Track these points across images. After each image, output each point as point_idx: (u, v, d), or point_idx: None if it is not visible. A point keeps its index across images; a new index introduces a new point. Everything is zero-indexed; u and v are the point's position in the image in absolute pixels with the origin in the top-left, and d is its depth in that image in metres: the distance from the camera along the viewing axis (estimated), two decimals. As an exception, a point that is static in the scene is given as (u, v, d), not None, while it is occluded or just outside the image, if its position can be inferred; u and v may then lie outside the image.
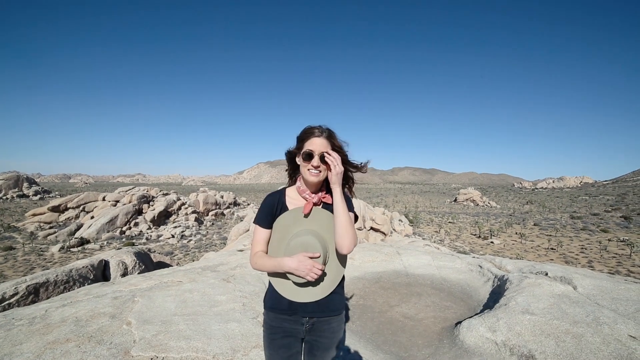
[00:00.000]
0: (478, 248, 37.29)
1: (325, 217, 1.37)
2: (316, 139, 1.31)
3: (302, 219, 1.36)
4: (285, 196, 1.42)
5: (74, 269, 6.10)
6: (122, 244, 36.29)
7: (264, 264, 1.32)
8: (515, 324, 2.82)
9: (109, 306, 3.01)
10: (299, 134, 1.38)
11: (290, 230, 1.36)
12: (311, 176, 1.32)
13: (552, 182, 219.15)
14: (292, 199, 1.41)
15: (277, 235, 1.38)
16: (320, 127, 1.36)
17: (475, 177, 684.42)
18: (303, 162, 1.33)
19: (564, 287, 3.58)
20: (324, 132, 1.33)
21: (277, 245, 1.37)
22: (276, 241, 1.38)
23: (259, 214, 1.39)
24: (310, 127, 1.35)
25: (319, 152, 1.30)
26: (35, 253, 32.73)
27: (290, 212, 1.37)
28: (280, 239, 1.37)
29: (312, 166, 1.31)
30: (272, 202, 1.40)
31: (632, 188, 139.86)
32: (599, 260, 30.26)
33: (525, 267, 4.71)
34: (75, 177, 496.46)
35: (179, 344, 2.30)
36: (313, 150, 1.30)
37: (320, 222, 1.37)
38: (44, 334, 2.39)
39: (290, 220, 1.37)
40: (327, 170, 1.34)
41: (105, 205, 48.27)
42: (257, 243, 1.38)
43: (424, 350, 2.83)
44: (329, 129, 1.37)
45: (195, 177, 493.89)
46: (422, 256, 5.56)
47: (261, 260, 1.33)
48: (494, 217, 69.52)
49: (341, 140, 1.39)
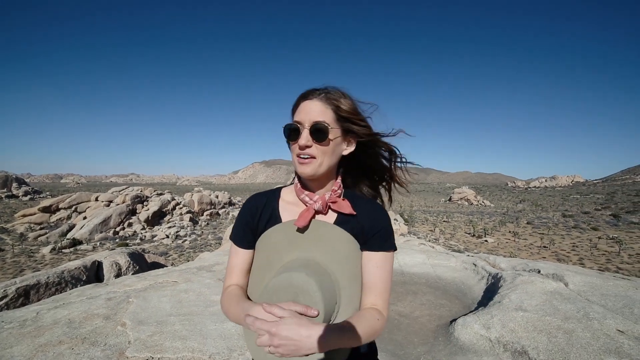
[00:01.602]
0: (472, 247, 37.72)
1: (336, 238, 0.80)
2: (307, 103, 0.79)
3: (298, 238, 0.82)
4: (278, 199, 0.90)
5: (66, 270, 6.00)
6: (115, 244, 35.82)
7: (228, 310, 0.80)
8: (508, 321, 2.87)
9: (102, 307, 2.97)
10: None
11: (280, 258, 0.81)
12: (300, 165, 0.79)
13: (545, 181, 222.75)
14: (289, 205, 0.88)
15: (261, 262, 0.85)
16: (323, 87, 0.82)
17: (470, 176, 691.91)
18: (290, 143, 0.81)
19: (555, 284, 3.64)
20: (319, 92, 0.80)
21: (259, 278, 0.84)
22: (258, 272, 0.85)
23: (235, 227, 0.89)
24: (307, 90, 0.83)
25: (310, 122, 0.77)
26: (25, 255, 32.12)
27: (281, 227, 0.84)
28: (265, 270, 0.83)
29: (299, 148, 0.78)
30: (256, 208, 0.87)
31: (620, 187, 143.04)
32: (590, 258, 30.86)
33: (519, 265, 4.78)
34: (67, 177, 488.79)
35: (175, 344, 2.29)
36: (300, 121, 0.78)
37: (329, 247, 0.80)
38: (36, 336, 2.35)
39: (280, 239, 0.82)
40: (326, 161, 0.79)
41: (98, 205, 47.60)
42: (231, 272, 0.87)
43: (419, 348, 2.86)
44: (335, 87, 0.82)
45: (189, 177, 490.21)
46: (417, 255, 5.60)
47: (227, 302, 0.81)
48: (488, 216, 70.36)
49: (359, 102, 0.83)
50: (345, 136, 0.83)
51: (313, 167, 0.78)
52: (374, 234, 0.82)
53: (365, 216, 0.84)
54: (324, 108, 0.78)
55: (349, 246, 0.81)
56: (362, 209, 0.85)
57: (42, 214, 46.34)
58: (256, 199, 0.90)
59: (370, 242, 0.82)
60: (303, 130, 0.78)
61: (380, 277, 0.80)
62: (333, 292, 0.75)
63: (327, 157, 0.80)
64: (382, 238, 0.82)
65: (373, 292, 0.80)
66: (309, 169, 0.78)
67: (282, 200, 0.89)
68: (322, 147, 0.78)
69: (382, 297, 0.80)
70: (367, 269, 0.82)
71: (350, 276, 0.80)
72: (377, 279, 0.80)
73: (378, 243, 0.82)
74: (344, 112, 0.80)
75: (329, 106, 0.79)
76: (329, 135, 0.77)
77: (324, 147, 0.78)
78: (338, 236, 0.81)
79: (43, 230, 42.66)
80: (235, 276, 0.87)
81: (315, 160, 0.78)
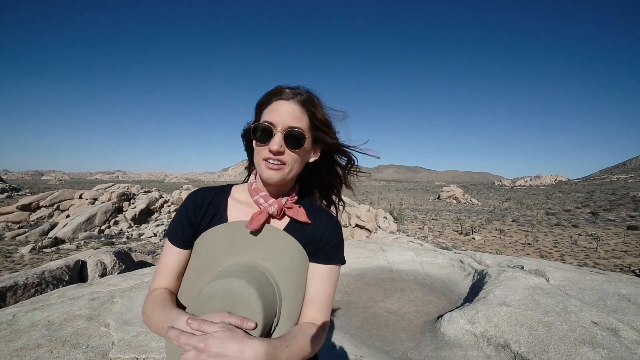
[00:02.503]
0: (460, 244, 38.55)
1: (284, 246, 0.75)
2: (282, 104, 0.73)
3: (244, 241, 0.74)
4: (227, 197, 0.82)
5: (47, 270, 5.80)
6: (100, 243, 34.86)
7: (150, 318, 0.69)
8: (493, 316, 2.95)
9: (85, 308, 2.89)
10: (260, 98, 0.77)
11: (219, 261, 0.73)
12: (268, 170, 0.72)
13: (530, 180, 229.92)
14: (239, 204, 0.81)
15: (197, 264, 0.76)
16: (297, 87, 0.76)
17: (458, 174, 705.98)
18: (256, 144, 0.74)
19: (537, 279, 3.77)
20: (297, 94, 0.74)
21: (193, 283, 0.75)
22: (193, 275, 0.76)
23: (174, 222, 0.79)
24: (280, 85, 0.76)
25: (285, 126, 0.71)
26: (1, 255, 30.84)
27: (226, 227, 0.76)
28: (200, 273, 0.74)
29: (270, 152, 0.71)
30: (201, 202, 0.79)
31: (599, 186, 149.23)
32: (570, 254, 32.08)
33: (504, 261, 4.92)
34: (49, 174, 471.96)
35: (161, 344, 2.25)
36: (273, 122, 0.71)
37: (276, 254, 0.74)
38: (11, 340, 2.26)
39: (222, 241, 0.74)
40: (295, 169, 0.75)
41: (83, 203, 46.15)
42: (161, 272, 0.77)
43: (406, 344, 2.90)
44: (311, 91, 0.77)
45: (178, 174, 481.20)
46: (405, 252, 5.68)
47: (150, 308, 0.70)
48: (475, 214, 72.04)
49: (331, 109, 0.80)
50: (313, 144, 0.80)
51: (282, 175, 0.73)
52: (325, 246, 0.78)
53: (319, 226, 0.80)
54: (300, 113, 0.73)
55: (297, 256, 0.75)
56: (317, 219, 0.81)
57: (20, 212, 44.53)
58: (202, 193, 0.81)
59: (320, 254, 0.78)
60: (276, 134, 0.71)
61: (324, 290, 0.77)
62: (274, 304, 0.68)
63: (297, 165, 0.75)
64: (332, 251, 0.79)
65: (315, 306, 0.75)
66: (278, 176, 0.72)
67: (232, 198, 0.82)
68: (294, 154, 0.73)
69: (323, 311, 0.76)
70: (312, 281, 0.77)
71: (294, 287, 0.74)
72: (321, 293, 0.76)
73: (327, 256, 0.78)
74: (318, 121, 0.76)
75: (305, 112, 0.74)
76: (304, 144, 0.74)
77: (295, 154, 0.73)
78: (287, 244, 0.75)
79: (22, 229, 40.98)
80: (165, 278, 0.76)
81: (285, 167, 0.73)
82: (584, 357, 2.22)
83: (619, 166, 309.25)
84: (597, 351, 2.27)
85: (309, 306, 0.76)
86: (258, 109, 0.77)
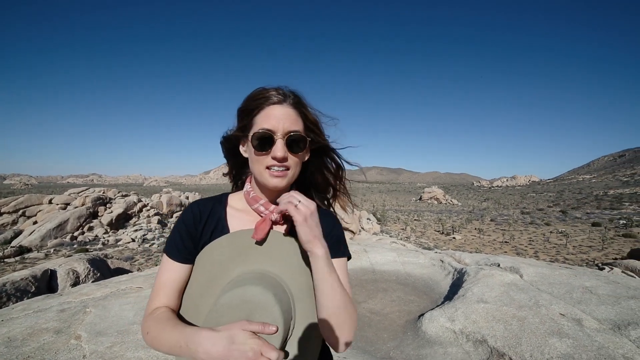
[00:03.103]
0: (441, 244, 39.64)
1: (289, 249, 0.75)
2: (277, 109, 0.71)
3: (250, 250, 0.74)
4: (226, 207, 0.81)
5: (9, 282, 5.40)
6: (73, 250, 32.90)
7: (159, 337, 0.65)
8: (471, 313, 3.06)
9: (53, 320, 2.72)
10: (243, 103, 0.75)
11: (227, 272, 0.72)
12: (273, 178, 0.71)
13: (506, 180, 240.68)
14: (238, 213, 0.80)
15: (202, 278, 0.73)
16: (280, 88, 0.74)
17: (439, 176, 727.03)
18: (255, 153, 0.72)
19: (512, 276, 3.95)
20: (288, 97, 0.73)
21: (200, 298, 0.72)
22: (199, 290, 0.73)
23: (172, 237, 0.75)
24: (263, 88, 0.74)
25: (285, 131, 0.70)
26: (-45, 267, 28.33)
27: (230, 238, 0.74)
28: (207, 287, 0.72)
29: (274, 159, 0.70)
30: (200, 215, 0.77)
31: (568, 186, 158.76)
32: (543, 251, 33.79)
33: (482, 259, 5.12)
34: (12, 178, 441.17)
35: (138, 354, 2.16)
36: (272, 129, 0.70)
37: (283, 258, 0.75)
38: (-35, 360, 2.10)
39: (228, 252, 0.73)
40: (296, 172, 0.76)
41: (52, 208, 43.42)
42: (160, 290, 0.72)
43: (389, 344, 2.95)
44: (296, 91, 0.76)
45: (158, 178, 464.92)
46: (388, 253, 5.78)
47: (157, 327, 0.66)
48: (456, 214, 74.42)
49: (317, 112, 0.79)
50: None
51: (288, 180, 0.73)
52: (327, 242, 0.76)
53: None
54: (295, 115, 0.73)
55: (303, 258, 0.75)
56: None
57: (-19, 219, 41.28)
58: (200, 205, 0.79)
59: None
60: (277, 141, 0.70)
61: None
62: (289, 307, 0.68)
63: (298, 168, 0.76)
64: (335, 246, 0.78)
65: None
66: (285, 182, 0.72)
67: (230, 207, 0.81)
68: (296, 158, 0.73)
69: None
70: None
71: (305, 288, 0.74)
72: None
73: (332, 251, 0.76)
74: (309, 122, 0.76)
75: (299, 114, 0.74)
76: (306, 146, 0.74)
77: (297, 158, 0.74)
78: (291, 248, 0.75)
79: (-18, 237, 37.99)
80: (165, 296, 0.71)
81: (289, 172, 0.73)
82: (552, 347, 2.36)
83: (584, 167, 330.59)
84: (563, 341, 2.42)
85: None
86: (245, 116, 0.74)
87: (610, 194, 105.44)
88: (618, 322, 2.63)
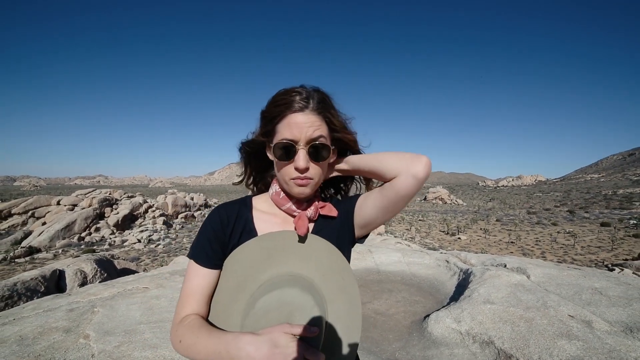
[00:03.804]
0: (446, 244, 39.34)
1: (321, 250, 0.74)
2: (298, 117, 0.68)
3: (279, 252, 0.72)
4: (252, 209, 0.79)
5: (20, 282, 5.50)
6: (80, 251, 33.38)
7: (195, 346, 0.62)
8: (477, 314, 3.02)
9: (62, 320, 2.76)
10: (267, 106, 0.73)
11: (258, 276, 0.70)
12: (298, 187, 0.71)
13: (512, 180, 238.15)
14: (265, 215, 0.78)
15: (232, 282, 0.71)
16: (304, 88, 0.71)
17: (444, 176, 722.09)
18: (277, 164, 0.72)
19: (519, 276, 3.90)
20: (311, 100, 0.69)
21: (230, 303, 0.70)
22: (228, 295, 0.71)
23: (199, 242, 0.74)
24: (286, 90, 0.70)
25: (307, 140, 0.68)
26: (-33, 267, 28.93)
27: (259, 241, 0.73)
28: (237, 291, 0.70)
29: (296, 170, 0.69)
30: (227, 219, 0.75)
31: (575, 185, 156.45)
32: (550, 251, 33.32)
33: (488, 260, 5.06)
34: (22, 180, 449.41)
35: (145, 354, 2.18)
36: (293, 139, 0.68)
37: (313, 260, 0.73)
38: (-23, 358, 2.14)
39: (258, 255, 0.71)
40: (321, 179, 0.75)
41: (61, 210, 44.13)
42: (189, 297, 0.70)
43: (394, 344, 2.93)
44: (320, 91, 0.72)
45: (163, 179, 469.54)
46: (392, 253, 5.76)
47: (191, 336, 0.64)
48: (461, 214, 73.78)
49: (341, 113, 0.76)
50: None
51: (312, 188, 0.72)
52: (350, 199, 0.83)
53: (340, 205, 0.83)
54: (318, 121, 0.69)
55: (333, 257, 0.74)
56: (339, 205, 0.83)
57: (-8, 221, 42.11)
58: (226, 209, 0.77)
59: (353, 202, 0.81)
60: (299, 151, 0.68)
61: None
62: (323, 308, 0.66)
63: (322, 175, 0.75)
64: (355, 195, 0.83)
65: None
66: (308, 191, 0.72)
67: (256, 210, 0.79)
68: (318, 166, 0.71)
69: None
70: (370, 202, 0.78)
71: (336, 289, 0.72)
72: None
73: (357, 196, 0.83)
74: (335, 126, 0.73)
75: (323, 119, 0.70)
76: (329, 154, 0.72)
77: (320, 167, 0.72)
78: (320, 247, 0.74)
79: (-8, 238, 38.74)
80: (195, 303, 0.69)
81: (313, 180, 0.71)
82: (561, 349, 2.32)
83: (592, 166, 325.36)
84: (573, 343, 2.37)
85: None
86: (268, 122, 0.72)
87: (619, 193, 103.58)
88: (630, 325, 2.58)
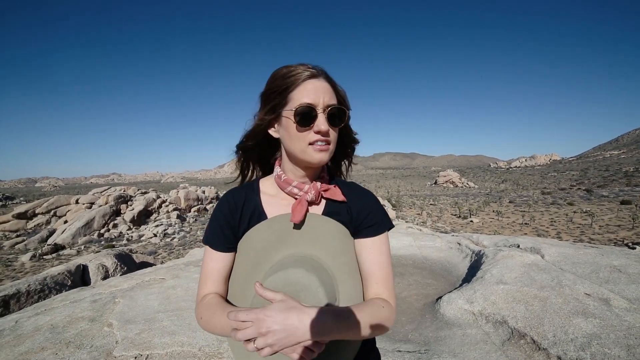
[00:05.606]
0: (458, 227, 39.02)
1: (329, 231, 0.75)
2: (314, 82, 0.69)
3: (289, 234, 0.74)
4: (259, 193, 0.80)
5: (49, 276, 5.80)
6: (101, 247, 34.82)
7: (211, 321, 0.68)
8: (490, 294, 3.01)
9: (87, 310, 2.91)
10: (269, 84, 0.72)
11: (269, 258, 0.73)
12: (317, 153, 0.69)
13: (525, 160, 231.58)
14: (272, 199, 0.79)
15: (246, 264, 0.75)
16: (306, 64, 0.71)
17: (454, 159, 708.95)
18: (298, 129, 0.68)
19: (533, 256, 3.84)
20: (321, 72, 0.71)
21: (245, 283, 0.74)
22: (243, 276, 0.75)
23: (211, 228, 0.77)
24: (290, 65, 0.71)
25: (325, 104, 0.68)
26: (2, 264, 30.71)
27: (268, 224, 0.75)
28: (251, 273, 0.74)
29: (317, 133, 0.68)
30: (235, 204, 0.77)
31: (592, 163, 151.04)
32: (566, 231, 32.65)
33: (500, 241, 5.00)
34: (42, 181, 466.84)
35: (164, 340, 2.28)
36: (313, 103, 0.67)
37: (322, 240, 0.74)
38: (15, 345, 2.28)
39: (268, 237, 0.74)
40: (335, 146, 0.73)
41: (80, 208, 45.88)
42: (207, 279, 0.76)
43: (407, 326, 2.96)
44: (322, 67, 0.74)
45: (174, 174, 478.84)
46: (403, 237, 5.75)
47: (208, 312, 0.69)
48: (473, 197, 72.67)
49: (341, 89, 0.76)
50: None
51: (329, 154, 0.71)
52: (365, 218, 0.76)
53: (355, 202, 0.77)
54: (331, 89, 0.71)
55: (343, 238, 0.75)
56: (349, 194, 0.78)
57: (17, 221, 44.21)
58: (234, 195, 0.78)
59: (363, 228, 0.76)
60: (319, 115, 0.68)
61: (377, 263, 0.74)
62: (332, 289, 0.68)
63: (336, 142, 0.73)
64: (373, 221, 0.76)
65: (373, 280, 0.73)
66: (327, 157, 0.70)
67: (264, 194, 0.79)
68: (334, 132, 0.71)
69: (384, 284, 0.73)
70: (363, 257, 0.75)
71: (348, 270, 0.74)
72: (376, 266, 0.73)
73: (371, 227, 0.75)
74: (339, 96, 0.74)
75: (332, 89, 0.72)
76: (345, 118, 0.72)
77: (336, 132, 0.72)
78: (331, 228, 0.74)
79: (20, 237, 40.78)
80: (213, 284, 0.75)
81: (330, 146, 0.70)
82: (577, 327, 2.28)
83: (611, 142, 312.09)
84: (589, 321, 2.33)
85: (368, 282, 0.74)
86: (278, 94, 0.70)
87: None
88: (650, 301, 2.51)
